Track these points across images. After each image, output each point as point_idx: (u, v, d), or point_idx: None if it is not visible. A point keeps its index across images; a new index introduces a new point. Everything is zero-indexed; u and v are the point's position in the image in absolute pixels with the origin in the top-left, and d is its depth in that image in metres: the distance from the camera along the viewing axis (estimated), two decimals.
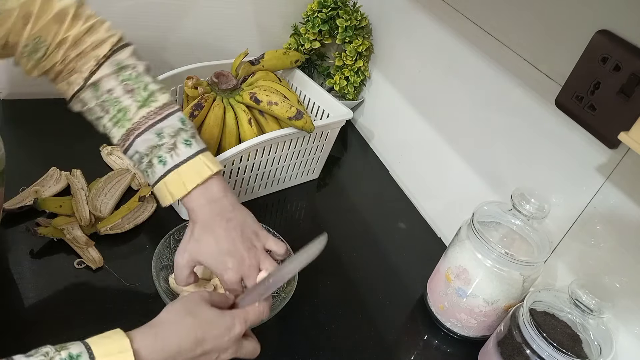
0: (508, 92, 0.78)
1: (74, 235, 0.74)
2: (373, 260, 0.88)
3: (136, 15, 1.00)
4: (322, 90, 1.00)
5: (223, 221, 0.60)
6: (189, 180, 0.60)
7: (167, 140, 0.60)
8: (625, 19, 0.60)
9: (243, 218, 0.62)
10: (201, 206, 0.60)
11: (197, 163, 0.60)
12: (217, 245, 0.59)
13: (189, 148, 0.61)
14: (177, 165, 0.60)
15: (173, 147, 0.60)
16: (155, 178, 0.61)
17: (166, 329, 0.51)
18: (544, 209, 0.67)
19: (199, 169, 0.60)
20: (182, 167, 0.60)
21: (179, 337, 0.50)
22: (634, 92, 0.57)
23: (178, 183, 0.60)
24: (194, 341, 0.51)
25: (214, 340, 0.52)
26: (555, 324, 0.64)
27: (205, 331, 0.52)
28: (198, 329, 0.51)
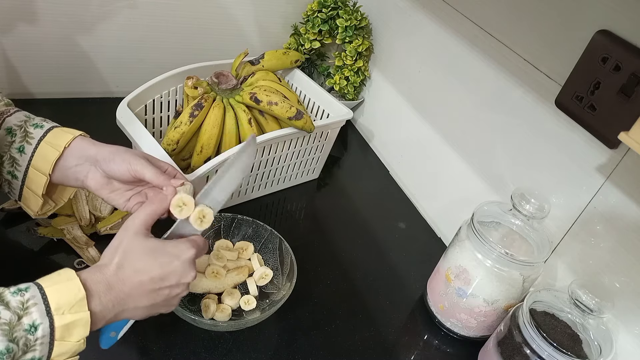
0: (508, 92, 0.78)
1: (74, 235, 0.74)
2: (373, 261, 0.88)
3: (136, 15, 1.00)
4: (322, 90, 1.00)
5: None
6: (71, 132, 0.61)
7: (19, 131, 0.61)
8: (625, 19, 0.60)
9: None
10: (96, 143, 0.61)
11: (65, 128, 0.62)
12: (122, 148, 0.61)
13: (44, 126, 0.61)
14: (50, 129, 0.61)
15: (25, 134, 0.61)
16: (34, 142, 0.60)
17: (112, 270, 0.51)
18: (544, 209, 0.67)
19: (71, 130, 0.62)
20: (57, 128, 0.61)
21: (129, 284, 0.51)
22: (634, 92, 0.57)
23: (62, 133, 0.60)
24: (147, 280, 0.52)
25: (166, 266, 0.53)
26: (555, 324, 0.64)
27: (157, 264, 0.52)
28: (145, 267, 0.52)
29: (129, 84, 0.90)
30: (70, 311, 0.46)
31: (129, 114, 0.82)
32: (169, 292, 0.54)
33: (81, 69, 1.03)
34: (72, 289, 0.47)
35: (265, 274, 0.74)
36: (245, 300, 0.71)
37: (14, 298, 0.44)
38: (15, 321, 0.43)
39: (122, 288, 0.51)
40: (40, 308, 0.45)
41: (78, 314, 0.46)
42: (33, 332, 0.44)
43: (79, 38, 0.99)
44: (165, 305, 0.55)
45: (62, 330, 0.45)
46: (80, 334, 0.47)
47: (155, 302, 0.53)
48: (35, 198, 0.61)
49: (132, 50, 1.05)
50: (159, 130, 0.94)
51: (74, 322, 0.46)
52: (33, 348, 0.44)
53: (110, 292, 0.50)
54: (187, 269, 0.54)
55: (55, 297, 0.46)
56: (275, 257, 0.77)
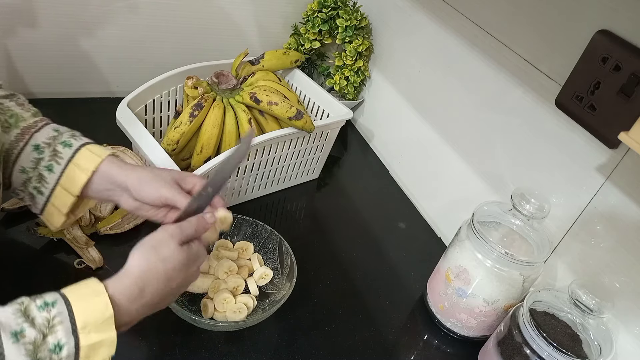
0: (508, 92, 0.78)
1: (74, 235, 0.74)
2: (373, 260, 0.88)
3: (136, 15, 1.00)
4: (322, 90, 1.00)
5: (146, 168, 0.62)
6: (99, 152, 0.61)
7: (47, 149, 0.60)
8: (625, 19, 0.60)
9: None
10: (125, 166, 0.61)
11: (93, 147, 0.62)
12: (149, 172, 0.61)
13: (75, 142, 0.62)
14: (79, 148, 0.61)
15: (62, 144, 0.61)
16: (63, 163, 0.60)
17: (138, 276, 0.51)
18: (544, 209, 0.67)
19: (99, 150, 0.62)
20: (85, 147, 0.61)
21: (152, 283, 0.51)
22: (634, 92, 0.57)
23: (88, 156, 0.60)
24: (165, 281, 0.52)
25: (183, 274, 0.54)
26: (555, 324, 0.64)
27: (176, 272, 0.53)
28: (170, 271, 0.52)
29: (129, 84, 0.90)
30: (97, 330, 0.45)
31: (129, 114, 0.82)
32: (183, 288, 0.55)
33: (81, 69, 1.03)
34: (99, 306, 0.46)
35: (265, 274, 0.74)
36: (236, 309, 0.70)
37: (40, 314, 0.43)
38: (40, 340, 0.42)
39: (145, 301, 0.50)
40: (66, 326, 0.44)
41: (105, 333, 0.45)
42: (58, 352, 0.43)
43: (79, 38, 0.99)
44: (176, 295, 0.56)
45: (87, 350, 0.44)
46: (105, 353, 0.46)
47: (171, 299, 0.55)
48: (59, 215, 0.61)
49: (132, 50, 1.05)
50: (159, 130, 0.94)
51: (100, 342, 0.45)
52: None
53: (140, 299, 0.49)
54: (197, 263, 0.56)
55: (82, 314, 0.45)
56: (275, 257, 0.77)
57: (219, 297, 0.70)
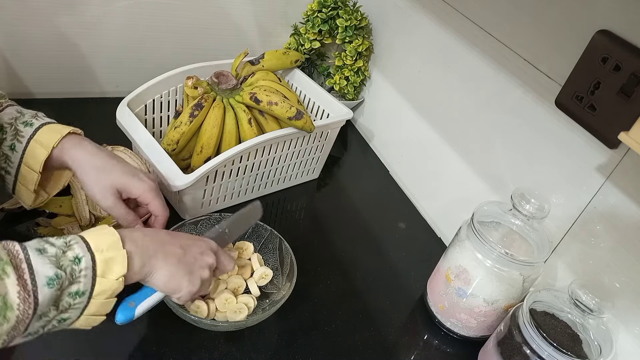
0: (508, 92, 0.78)
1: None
2: (373, 260, 0.88)
3: (136, 15, 1.00)
4: (322, 90, 1.00)
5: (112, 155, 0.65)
6: (59, 130, 0.63)
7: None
8: (625, 19, 0.60)
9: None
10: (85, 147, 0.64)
11: (54, 125, 0.64)
12: (124, 164, 0.65)
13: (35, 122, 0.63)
14: (40, 127, 0.62)
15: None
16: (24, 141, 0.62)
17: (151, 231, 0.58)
18: (544, 209, 0.67)
19: (60, 128, 0.63)
20: (46, 126, 0.63)
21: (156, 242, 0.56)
22: (634, 92, 0.57)
23: (51, 132, 0.62)
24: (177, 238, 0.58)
25: (189, 240, 0.59)
26: (555, 324, 0.64)
27: (181, 237, 0.59)
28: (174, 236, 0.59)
29: (129, 84, 0.90)
30: (108, 250, 0.50)
31: (129, 114, 0.82)
32: (193, 259, 0.58)
33: (81, 68, 1.03)
34: (106, 233, 0.51)
35: (265, 274, 0.74)
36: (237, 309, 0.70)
37: (57, 240, 0.48)
38: (60, 254, 0.47)
39: (155, 237, 0.56)
40: (81, 245, 0.48)
41: (116, 251, 0.50)
42: (77, 263, 0.47)
43: (79, 38, 0.99)
44: (189, 273, 0.57)
45: (102, 265, 0.49)
46: (119, 270, 0.50)
47: (181, 262, 0.56)
48: (27, 192, 0.64)
49: (132, 50, 1.05)
50: (159, 130, 0.94)
51: (113, 258, 0.50)
52: (78, 280, 0.47)
53: (145, 238, 0.55)
54: (208, 250, 0.60)
55: (93, 239, 0.50)
56: (275, 257, 0.77)
57: (220, 297, 0.70)
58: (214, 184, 0.82)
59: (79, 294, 0.47)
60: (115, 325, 0.67)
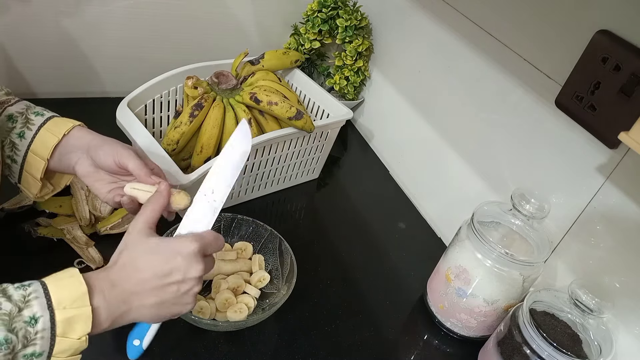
0: (508, 92, 0.78)
1: (74, 235, 0.74)
2: (373, 260, 0.88)
3: (136, 15, 1.00)
4: (322, 90, 1.00)
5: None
6: (71, 121, 0.65)
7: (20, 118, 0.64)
8: (625, 19, 0.60)
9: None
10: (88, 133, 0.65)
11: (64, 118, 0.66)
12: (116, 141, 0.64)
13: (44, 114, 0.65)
14: (51, 117, 0.65)
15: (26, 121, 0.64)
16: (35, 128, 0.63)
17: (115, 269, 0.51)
18: (544, 209, 0.67)
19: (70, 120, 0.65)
20: (57, 117, 0.65)
21: (133, 281, 0.51)
22: (634, 92, 0.57)
23: (62, 122, 0.64)
24: (150, 276, 0.51)
25: (168, 264, 0.52)
26: (555, 324, 0.64)
27: (159, 264, 0.51)
28: (147, 264, 0.51)
29: (129, 84, 0.90)
30: (72, 306, 0.46)
31: (129, 114, 0.82)
32: (176, 288, 0.52)
33: (81, 68, 1.03)
34: (73, 284, 0.47)
35: (263, 278, 0.74)
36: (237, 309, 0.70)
37: (17, 292, 0.44)
38: (15, 312, 0.43)
39: (125, 286, 0.50)
40: (41, 302, 0.44)
41: (80, 308, 0.46)
42: (33, 325, 0.44)
43: (79, 38, 0.99)
44: (177, 303, 0.53)
45: (63, 325, 0.45)
46: (82, 329, 0.46)
47: (163, 300, 0.52)
48: (34, 181, 0.64)
49: (132, 50, 1.05)
50: (159, 130, 0.94)
51: (75, 317, 0.46)
52: (33, 342, 0.44)
53: (114, 289, 0.49)
54: (192, 263, 0.52)
55: (56, 292, 0.45)
56: (275, 257, 0.77)
57: (220, 297, 0.70)
58: None
59: (35, 355, 0.44)
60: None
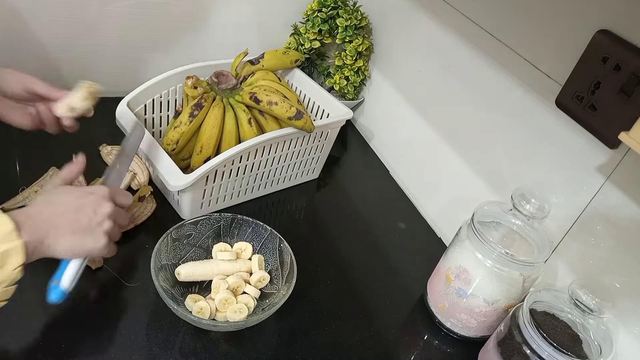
0: (508, 92, 0.78)
1: None
2: (373, 260, 0.88)
3: (136, 15, 1.00)
4: (322, 89, 1.00)
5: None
6: None
7: None
8: (625, 19, 0.60)
9: None
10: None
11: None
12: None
13: None
14: None
15: None
16: None
17: (36, 209, 0.57)
18: (544, 209, 0.67)
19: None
20: None
21: (48, 213, 0.56)
22: (634, 91, 0.57)
23: None
24: (63, 210, 0.57)
25: (79, 199, 0.59)
26: (555, 324, 0.64)
27: (71, 198, 0.59)
28: (60, 200, 0.59)
29: (129, 83, 0.90)
30: (3, 241, 0.50)
31: (129, 114, 0.82)
32: (88, 220, 0.58)
33: (81, 68, 1.03)
34: (1, 223, 0.51)
35: (263, 278, 0.74)
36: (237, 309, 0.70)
37: None
38: None
39: (41, 216, 0.55)
40: None
41: (11, 242, 0.51)
42: None
43: (79, 38, 0.99)
44: (90, 235, 0.59)
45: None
46: (15, 261, 0.51)
47: (76, 230, 0.57)
48: None
49: (132, 50, 1.05)
50: (159, 130, 0.94)
51: (8, 251, 0.50)
52: None
53: (31, 220, 0.54)
54: (102, 201, 0.60)
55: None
56: (275, 257, 0.77)
57: (220, 297, 0.70)
58: (214, 184, 0.82)
59: None
60: (115, 325, 0.67)
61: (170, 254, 0.72)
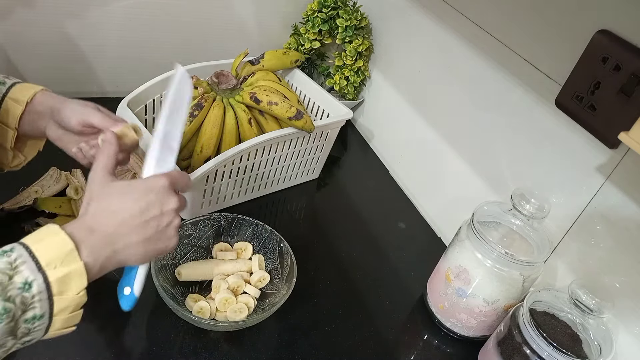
0: (508, 92, 0.78)
1: None
2: (373, 260, 0.88)
3: (136, 15, 1.00)
4: (322, 90, 1.00)
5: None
6: (32, 87, 0.64)
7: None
8: (625, 19, 0.60)
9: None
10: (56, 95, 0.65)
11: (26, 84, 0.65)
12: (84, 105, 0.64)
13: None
14: (13, 85, 0.63)
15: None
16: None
17: (87, 213, 0.51)
18: (544, 209, 0.67)
19: (32, 85, 0.64)
20: (19, 84, 0.64)
21: (111, 224, 0.50)
22: (634, 92, 0.57)
23: (23, 89, 0.63)
24: (128, 216, 0.51)
25: (142, 201, 0.52)
26: (555, 324, 0.64)
27: (133, 201, 0.52)
28: (122, 205, 0.52)
29: (129, 83, 0.90)
30: (62, 264, 0.45)
31: (129, 114, 0.82)
32: (157, 223, 0.53)
33: (81, 68, 1.03)
34: (59, 242, 0.46)
35: (263, 278, 0.74)
36: (237, 309, 0.70)
37: (0, 260, 0.43)
38: (6, 281, 0.42)
39: (105, 229, 0.50)
40: (30, 266, 0.44)
41: (71, 265, 0.45)
42: (28, 290, 0.43)
43: (79, 38, 0.99)
44: (160, 238, 0.54)
45: (58, 284, 0.44)
46: (78, 285, 0.46)
47: (147, 237, 0.52)
48: (4, 151, 0.64)
49: (132, 50, 1.05)
50: None
51: (69, 275, 0.45)
52: (32, 306, 0.43)
53: (94, 235, 0.49)
54: (166, 196, 0.54)
55: (43, 253, 0.45)
56: (275, 257, 0.77)
57: (220, 297, 0.70)
58: (214, 184, 0.82)
59: (37, 318, 0.44)
60: (115, 325, 0.67)
61: (171, 254, 0.72)
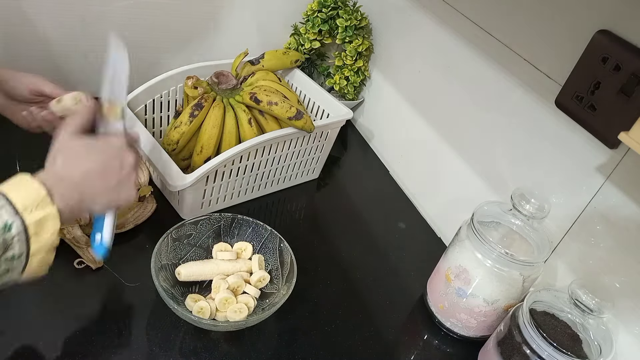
0: (508, 92, 0.78)
1: (74, 235, 0.74)
2: (373, 260, 0.88)
3: (136, 15, 1.00)
4: (322, 90, 1.00)
5: None
6: None
7: None
8: (625, 19, 0.60)
9: None
10: None
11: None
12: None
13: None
14: None
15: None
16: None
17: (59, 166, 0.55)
18: (544, 209, 0.67)
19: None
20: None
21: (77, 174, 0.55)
22: (634, 92, 0.57)
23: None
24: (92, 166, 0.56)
25: (104, 154, 0.58)
26: (555, 324, 0.64)
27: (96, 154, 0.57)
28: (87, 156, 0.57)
29: (129, 83, 0.90)
30: (37, 209, 0.49)
31: (129, 114, 0.82)
32: (117, 175, 0.58)
33: (81, 68, 1.03)
34: (32, 188, 0.50)
35: (263, 278, 0.74)
36: (237, 309, 0.70)
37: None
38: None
39: (72, 178, 0.54)
40: (8, 210, 0.47)
41: (45, 209, 0.50)
42: (8, 230, 0.47)
43: (79, 38, 0.99)
44: (122, 189, 0.58)
45: (35, 226, 0.49)
46: (52, 227, 0.50)
47: (110, 186, 0.57)
48: None
49: (132, 50, 1.05)
50: (159, 130, 0.94)
51: (45, 217, 0.50)
52: (11, 246, 0.47)
53: (63, 183, 0.53)
54: (124, 153, 0.59)
55: (19, 199, 0.48)
56: (275, 257, 0.77)
57: (220, 297, 0.70)
58: (214, 184, 0.82)
59: (15, 257, 0.48)
60: (115, 325, 0.67)
61: (171, 254, 0.73)
